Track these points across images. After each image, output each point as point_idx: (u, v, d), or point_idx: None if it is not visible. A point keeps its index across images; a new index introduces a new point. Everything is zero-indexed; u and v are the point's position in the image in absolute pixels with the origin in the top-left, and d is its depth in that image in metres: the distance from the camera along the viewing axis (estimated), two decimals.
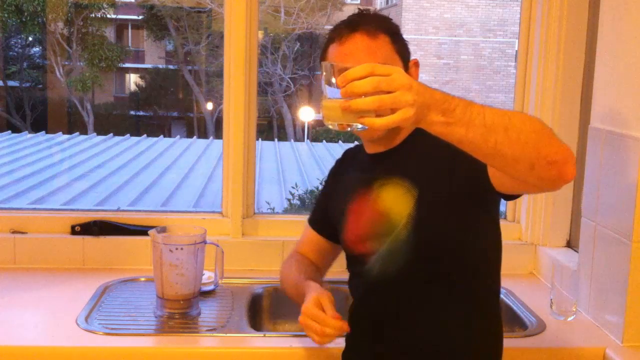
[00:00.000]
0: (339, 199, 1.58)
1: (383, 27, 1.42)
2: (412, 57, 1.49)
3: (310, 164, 8.16)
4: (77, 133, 9.63)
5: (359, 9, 1.50)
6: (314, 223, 1.73)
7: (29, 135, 9.29)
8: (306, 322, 1.38)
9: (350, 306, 1.54)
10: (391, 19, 1.49)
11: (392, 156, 1.49)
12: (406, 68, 1.45)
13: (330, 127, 1.12)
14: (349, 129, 1.12)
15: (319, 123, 10.08)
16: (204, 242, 1.77)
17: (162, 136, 10.54)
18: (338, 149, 8.40)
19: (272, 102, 11.48)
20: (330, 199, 1.65)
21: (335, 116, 1.11)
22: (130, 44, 13.02)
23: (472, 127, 1.08)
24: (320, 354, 1.59)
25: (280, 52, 11.20)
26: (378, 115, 1.07)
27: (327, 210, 1.65)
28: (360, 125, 1.10)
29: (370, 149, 1.52)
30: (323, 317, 1.35)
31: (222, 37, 2.16)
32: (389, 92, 1.04)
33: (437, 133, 1.10)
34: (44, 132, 9.32)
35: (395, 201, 1.41)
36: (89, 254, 2.12)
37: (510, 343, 1.67)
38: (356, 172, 1.56)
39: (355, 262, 1.54)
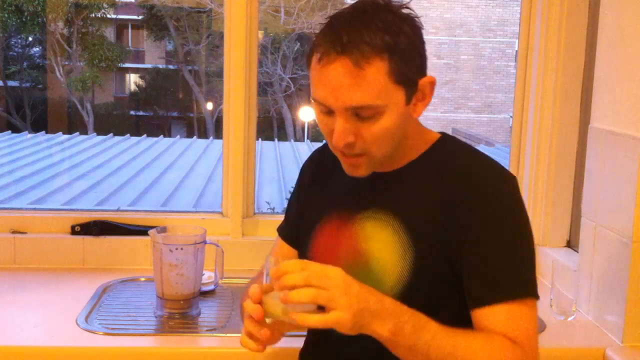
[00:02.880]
0: (313, 209, 1.34)
1: (381, 46, 1.08)
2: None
3: None
4: (77, 133, 9.63)
5: (362, 1, 1.15)
6: (285, 234, 1.46)
7: (29, 135, 9.29)
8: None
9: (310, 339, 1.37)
10: (405, 21, 1.13)
11: (390, 183, 1.22)
12: (412, 92, 1.14)
13: (268, 322, 1.08)
14: (285, 325, 1.08)
15: None
16: (204, 242, 1.77)
17: (162, 136, 10.55)
18: None
19: (272, 102, 11.48)
20: (304, 205, 1.39)
21: (270, 311, 1.06)
22: (130, 44, 13.02)
23: (414, 353, 1.03)
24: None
25: (280, 52, 11.20)
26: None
27: (299, 218, 1.40)
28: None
29: None
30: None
31: (222, 37, 2.16)
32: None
33: (381, 341, 1.03)
34: (44, 132, 9.33)
35: (384, 252, 1.17)
36: (89, 254, 2.12)
37: None
38: (340, 183, 1.27)
39: None
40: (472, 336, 1.08)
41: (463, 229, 1.13)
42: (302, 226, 1.36)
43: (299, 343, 1.46)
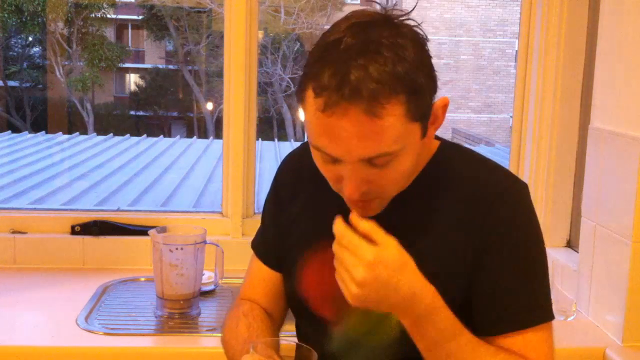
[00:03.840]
0: (298, 230, 1.20)
1: (397, 82, 0.91)
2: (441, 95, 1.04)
3: None
4: (77, 133, 9.63)
5: (359, 21, 0.95)
6: (264, 254, 1.28)
7: (29, 135, 9.28)
8: None
9: None
10: (412, 39, 0.96)
11: (392, 205, 1.07)
12: (427, 122, 1.01)
13: None
14: None
15: None
16: (204, 242, 1.77)
17: (162, 136, 10.53)
18: None
19: (272, 102, 11.48)
20: (286, 223, 1.23)
21: None
22: (130, 44, 13.03)
23: (431, 353, 1.00)
24: None
25: (280, 52, 11.21)
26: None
27: (280, 238, 1.24)
28: None
29: None
30: None
31: (222, 37, 2.16)
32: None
33: None
34: (44, 132, 9.31)
35: None
36: (89, 254, 2.12)
37: None
38: (332, 201, 1.08)
39: (310, 323, 1.16)
40: (497, 354, 1.03)
41: (479, 251, 1.05)
42: (285, 248, 1.22)
43: None
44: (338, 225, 0.95)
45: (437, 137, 1.16)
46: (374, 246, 0.93)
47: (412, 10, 1.00)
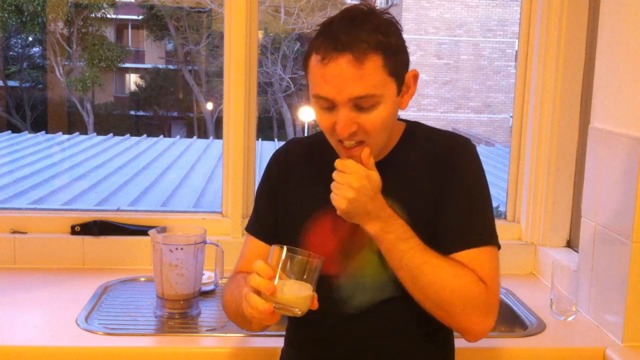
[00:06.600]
0: (295, 209, 1.39)
1: (376, 44, 1.20)
2: (413, 60, 1.30)
3: None
4: (77, 133, 9.62)
5: (349, 8, 1.27)
6: (259, 232, 1.44)
7: (29, 135, 9.28)
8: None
9: (315, 332, 1.37)
10: (390, 24, 1.26)
11: (382, 171, 1.29)
12: (401, 85, 1.27)
13: (299, 313, 1.17)
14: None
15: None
16: (204, 242, 1.77)
17: (162, 136, 10.53)
18: None
19: (272, 102, 11.48)
20: (281, 207, 1.41)
21: (279, 295, 1.15)
22: (130, 44, 13.02)
23: (392, 256, 1.24)
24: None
25: (280, 52, 11.21)
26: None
27: (277, 215, 1.41)
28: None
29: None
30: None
31: (222, 37, 2.17)
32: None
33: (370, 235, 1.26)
34: (44, 132, 9.31)
35: None
36: (89, 254, 2.12)
37: (510, 343, 1.68)
38: (322, 176, 1.30)
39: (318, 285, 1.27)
40: (444, 258, 1.25)
41: (440, 191, 1.31)
42: (282, 226, 1.40)
43: (279, 343, 1.50)
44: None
45: (403, 120, 1.41)
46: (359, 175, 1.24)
47: (390, 7, 1.26)
